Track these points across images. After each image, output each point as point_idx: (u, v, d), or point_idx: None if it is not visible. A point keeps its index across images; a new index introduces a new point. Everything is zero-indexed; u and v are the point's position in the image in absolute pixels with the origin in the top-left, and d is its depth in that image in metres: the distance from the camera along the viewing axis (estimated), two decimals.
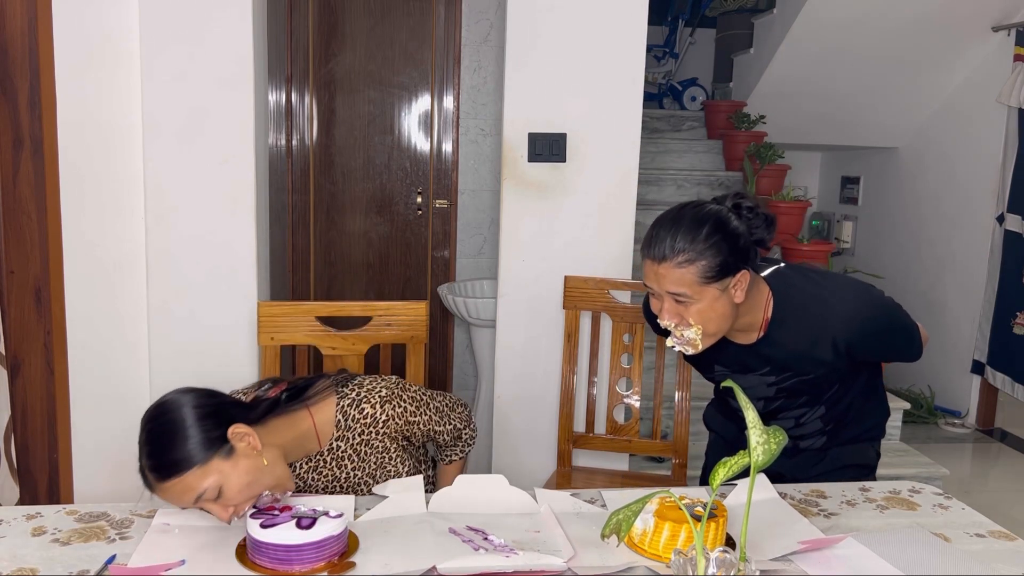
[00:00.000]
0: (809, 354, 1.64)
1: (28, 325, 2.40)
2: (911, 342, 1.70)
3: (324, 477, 1.59)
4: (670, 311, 1.53)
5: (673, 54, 5.51)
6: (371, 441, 1.58)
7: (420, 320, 1.99)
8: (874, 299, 1.65)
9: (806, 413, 1.76)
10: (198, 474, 1.34)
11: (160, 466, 1.34)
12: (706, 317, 1.52)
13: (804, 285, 1.64)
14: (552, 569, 1.23)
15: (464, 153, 3.74)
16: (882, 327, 1.65)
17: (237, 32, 2.28)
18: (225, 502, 1.36)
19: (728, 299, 1.53)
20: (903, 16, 3.95)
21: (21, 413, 2.43)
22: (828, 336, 1.61)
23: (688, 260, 1.48)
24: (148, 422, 1.39)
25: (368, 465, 1.59)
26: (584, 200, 2.53)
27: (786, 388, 1.71)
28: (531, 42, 2.46)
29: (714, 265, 1.48)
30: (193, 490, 1.34)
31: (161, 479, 1.34)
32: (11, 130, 2.32)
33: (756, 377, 1.71)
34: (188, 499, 1.35)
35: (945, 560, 1.30)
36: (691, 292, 1.49)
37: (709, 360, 1.76)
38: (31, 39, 2.28)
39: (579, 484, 2.28)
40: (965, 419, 4.25)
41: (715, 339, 1.57)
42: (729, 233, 1.50)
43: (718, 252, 1.48)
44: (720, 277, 1.49)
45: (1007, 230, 4.00)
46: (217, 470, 1.35)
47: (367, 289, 3.83)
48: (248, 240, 2.36)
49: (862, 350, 1.65)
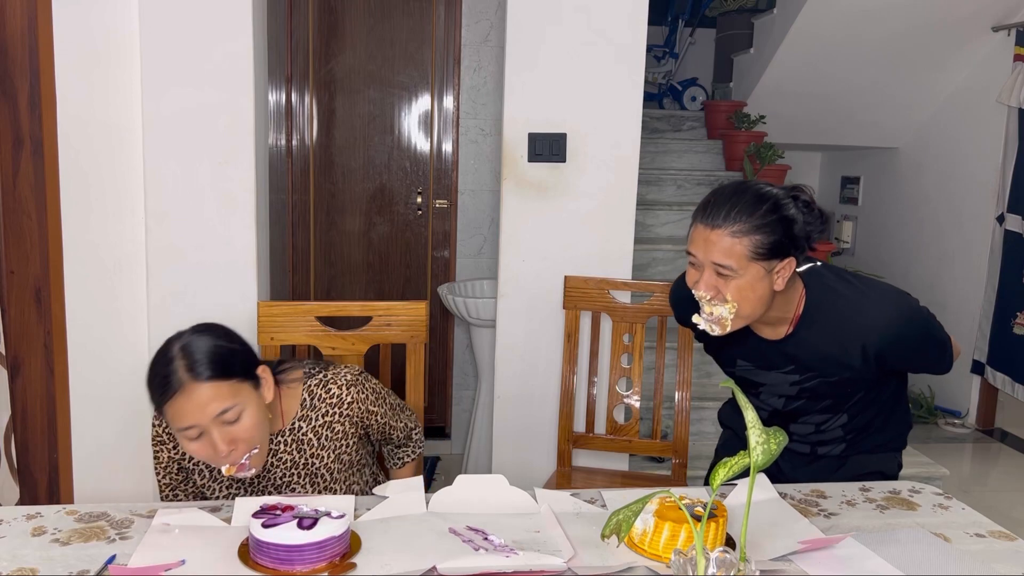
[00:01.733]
0: (837, 357, 1.60)
1: (28, 325, 2.40)
2: (943, 355, 1.67)
3: (283, 463, 1.59)
4: (708, 283, 1.50)
5: (673, 54, 5.50)
6: (333, 424, 1.59)
7: (420, 320, 1.99)
8: (911, 309, 1.61)
9: (828, 420, 1.72)
10: (234, 388, 1.39)
11: (201, 365, 1.37)
12: (744, 296, 1.49)
13: (840, 287, 1.60)
14: (552, 569, 1.23)
15: (464, 153, 3.74)
16: (916, 338, 1.61)
17: (237, 32, 2.28)
18: (233, 435, 1.39)
19: (769, 283, 1.50)
20: (903, 16, 3.95)
21: (21, 413, 2.43)
22: (859, 342, 1.57)
23: (742, 231, 1.46)
24: (195, 330, 1.43)
25: (326, 453, 1.60)
26: (584, 200, 2.53)
27: (809, 388, 1.67)
28: (531, 42, 2.46)
29: (767, 243, 1.46)
30: (221, 401, 1.37)
31: (197, 378, 1.36)
32: (11, 130, 2.32)
33: (779, 375, 1.68)
34: (209, 412, 1.36)
35: (945, 560, 1.30)
36: (737, 265, 1.47)
37: (732, 354, 1.73)
38: (31, 39, 2.28)
39: (579, 484, 2.28)
40: (965, 419, 4.25)
41: (745, 323, 1.54)
42: (787, 216, 1.49)
43: (773, 231, 1.47)
44: (769, 257, 1.47)
45: (1007, 230, 4.00)
46: (247, 395, 1.41)
47: (367, 289, 3.83)
48: (248, 240, 2.36)
49: (893, 359, 1.61)
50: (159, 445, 1.59)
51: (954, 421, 4.24)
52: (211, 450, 1.41)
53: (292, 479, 1.61)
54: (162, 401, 1.39)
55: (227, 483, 1.61)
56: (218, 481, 1.60)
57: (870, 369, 1.61)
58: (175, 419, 1.39)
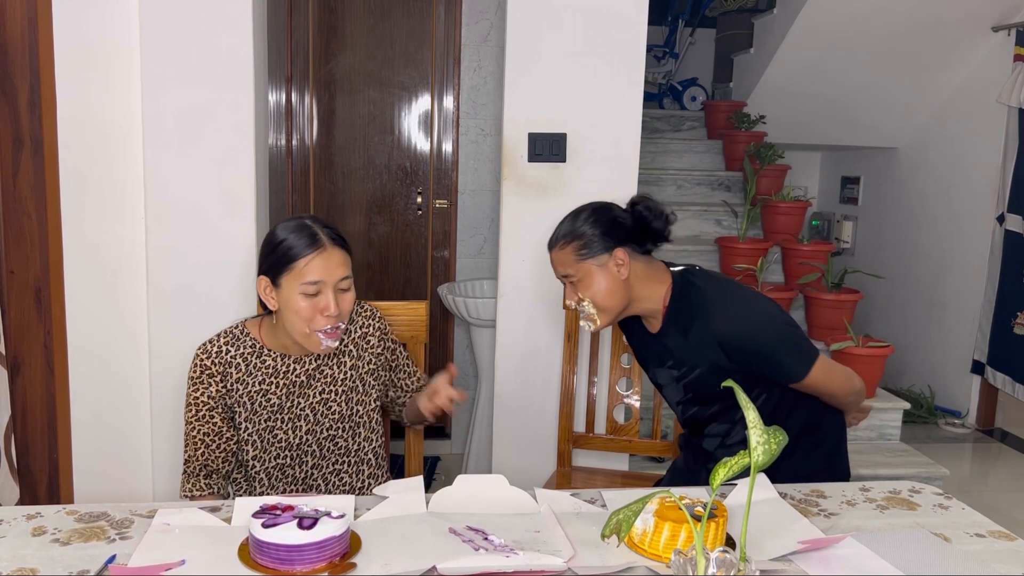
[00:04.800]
0: (697, 348, 1.77)
1: (28, 325, 2.40)
2: (791, 363, 1.75)
3: (324, 378, 1.75)
4: (568, 293, 1.80)
5: (673, 54, 5.51)
6: (368, 337, 1.81)
7: (420, 320, 2.00)
8: (769, 320, 1.75)
9: (728, 431, 1.84)
10: (351, 264, 1.66)
11: (339, 238, 1.65)
12: (592, 292, 1.75)
13: (705, 286, 1.79)
14: (552, 569, 1.23)
15: (464, 153, 3.74)
16: (755, 339, 1.73)
17: (237, 32, 2.28)
18: (342, 301, 1.64)
19: (610, 275, 1.74)
20: (903, 16, 3.95)
21: (21, 413, 2.43)
22: (708, 332, 1.74)
23: (564, 242, 1.77)
24: (310, 216, 1.77)
25: (363, 364, 1.79)
26: (584, 200, 2.49)
27: (692, 386, 1.82)
28: (531, 42, 2.46)
29: (583, 244, 1.74)
30: (346, 268, 1.64)
31: (336, 244, 1.63)
32: (11, 130, 2.32)
33: (665, 371, 1.87)
34: (337, 274, 1.62)
35: (945, 560, 1.30)
36: (572, 270, 1.76)
37: (642, 356, 1.96)
38: (31, 39, 2.28)
39: (579, 484, 2.28)
40: (965, 419, 4.25)
41: (611, 315, 1.77)
42: (604, 218, 1.76)
43: (585, 235, 1.74)
44: (592, 254, 1.74)
45: (1007, 230, 4.00)
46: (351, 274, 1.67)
47: (367, 289, 3.83)
48: (248, 240, 2.36)
49: (739, 354, 1.73)
50: (207, 379, 1.69)
51: (954, 421, 4.24)
52: (320, 308, 1.61)
53: (329, 396, 1.75)
54: (302, 255, 1.60)
55: (265, 415, 1.71)
56: (258, 413, 1.71)
57: (727, 363, 1.74)
58: (306, 272, 1.60)
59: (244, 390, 1.70)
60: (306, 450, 1.75)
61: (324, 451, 1.77)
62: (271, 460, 1.74)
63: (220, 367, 1.70)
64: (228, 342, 1.71)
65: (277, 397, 1.72)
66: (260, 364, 1.71)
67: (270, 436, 1.73)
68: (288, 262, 1.61)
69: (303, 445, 1.75)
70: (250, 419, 1.72)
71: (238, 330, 1.73)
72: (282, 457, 1.74)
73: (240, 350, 1.71)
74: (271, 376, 1.71)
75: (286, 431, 1.73)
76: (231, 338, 1.72)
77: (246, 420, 1.71)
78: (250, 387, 1.71)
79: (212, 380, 1.69)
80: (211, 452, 1.71)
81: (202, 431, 1.70)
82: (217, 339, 1.72)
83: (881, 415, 3.52)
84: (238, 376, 1.70)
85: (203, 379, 1.70)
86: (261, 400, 1.71)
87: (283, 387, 1.72)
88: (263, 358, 1.71)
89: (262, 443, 1.73)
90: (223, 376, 1.70)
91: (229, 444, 1.72)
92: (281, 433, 1.73)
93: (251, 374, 1.71)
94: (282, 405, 1.72)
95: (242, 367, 1.70)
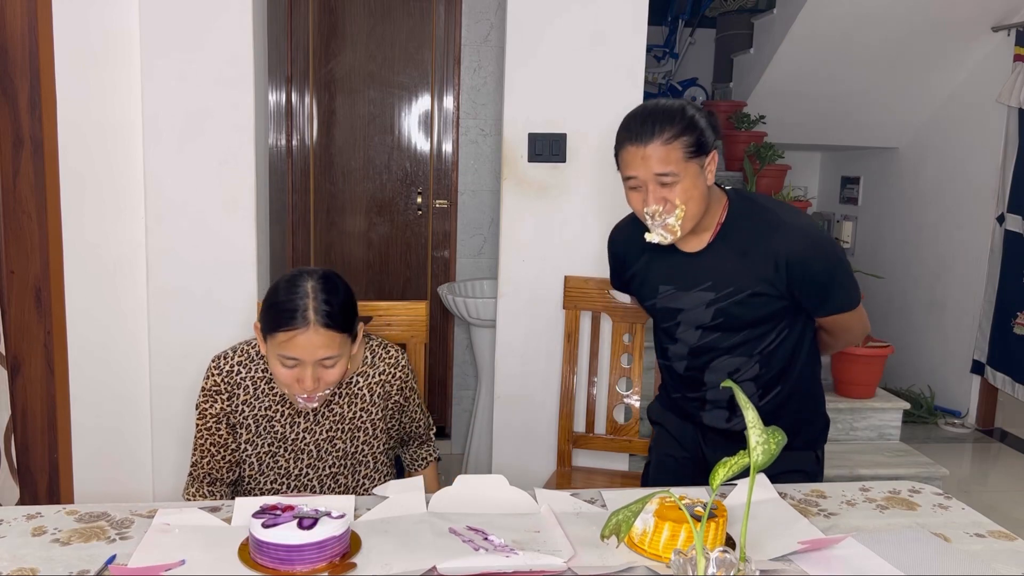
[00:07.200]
0: (751, 267, 1.67)
1: (28, 325, 2.40)
2: (849, 288, 1.73)
3: (332, 415, 1.71)
4: (656, 195, 1.61)
5: (673, 54, 5.50)
6: (385, 384, 1.74)
7: (420, 320, 1.99)
8: (826, 239, 1.73)
9: (740, 369, 1.76)
10: (342, 341, 1.55)
11: (329, 316, 1.52)
12: (689, 195, 1.60)
13: (762, 200, 1.74)
14: (552, 569, 1.23)
15: (464, 153, 3.74)
16: (825, 262, 1.68)
17: (237, 32, 2.28)
18: (322, 376, 1.55)
19: (704, 180, 1.63)
20: (903, 16, 3.95)
21: (21, 413, 2.43)
22: (772, 255, 1.65)
23: (673, 136, 1.58)
24: (323, 277, 1.57)
25: (375, 410, 1.74)
26: (584, 200, 2.53)
27: (724, 310, 1.71)
28: (531, 42, 2.46)
29: (694, 141, 1.59)
30: (329, 349, 1.52)
31: (321, 324, 1.51)
32: (11, 130, 2.32)
33: (697, 294, 1.73)
34: (317, 355, 1.52)
35: (945, 560, 1.30)
36: (677, 168, 1.58)
37: (656, 280, 1.79)
38: (31, 39, 2.28)
39: (579, 484, 2.28)
40: (965, 419, 4.25)
41: (692, 223, 1.63)
42: (695, 117, 1.62)
43: (695, 129, 1.60)
44: (699, 153, 1.60)
45: (1007, 230, 4.00)
46: (346, 348, 1.57)
47: (367, 289, 3.83)
48: (248, 240, 2.36)
49: (800, 275, 1.66)
50: (214, 396, 1.68)
51: (954, 421, 4.24)
52: (297, 381, 1.55)
53: (336, 434, 1.71)
54: (281, 329, 1.52)
55: (268, 440, 1.69)
56: (261, 437, 1.70)
57: (782, 284, 1.66)
58: (284, 347, 1.53)
59: (250, 412, 1.69)
60: (305, 483, 1.74)
61: (324, 488, 1.75)
62: (267, 484, 1.73)
63: (228, 387, 1.68)
64: (240, 362, 1.69)
65: (281, 426, 1.70)
66: (268, 390, 1.69)
67: (270, 460, 1.72)
68: (270, 329, 1.56)
69: (302, 477, 1.73)
70: (251, 441, 1.70)
71: (254, 351, 1.70)
72: (279, 483, 1.73)
73: (251, 372, 1.68)
74: (277, 404, 1.69)
75: (287, 460, 1.72)
76: (245, 357, 1.69)
77: (247, 442, 1.70)
78: (256, 411, 1.69)
79: (219, 397, 1.68)
80: (216, 462, 1.71)
81: (209, 440, 1.70)
82: (232, 355, 1.70)
83: (881, 415, 3.52)
84: (245, 398, 1.69)
85: (211, 393, 1.69)
86: (265, 425, 1.70)
87: (288, 417, 1.70)
88: (271, 384, 1.69)
89: (260, 466, 1.72)
90: (230, 396, 1.68)
91: (234, 456, 1.72)
92: (283, 461, 1.72)
93: (258, 398, 1.69)
94: (286, 435, 1.70)
95: (250, 390, 1.68)
